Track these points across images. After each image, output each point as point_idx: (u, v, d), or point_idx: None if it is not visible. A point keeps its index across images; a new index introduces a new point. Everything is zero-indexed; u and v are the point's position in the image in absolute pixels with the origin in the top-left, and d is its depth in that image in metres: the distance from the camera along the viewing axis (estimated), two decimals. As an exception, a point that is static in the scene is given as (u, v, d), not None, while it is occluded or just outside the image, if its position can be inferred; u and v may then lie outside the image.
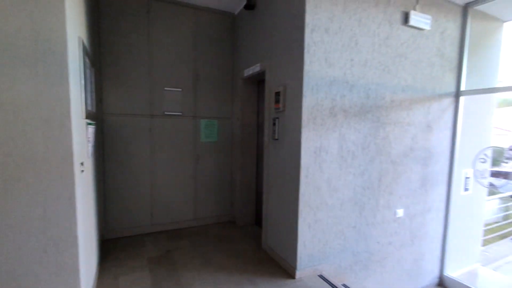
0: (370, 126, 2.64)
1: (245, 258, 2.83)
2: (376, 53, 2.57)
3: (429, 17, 2.77)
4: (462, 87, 3.18)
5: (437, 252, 3.40)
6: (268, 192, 2.92)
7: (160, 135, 3.35)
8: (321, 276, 2.52)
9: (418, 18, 2.70)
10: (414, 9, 2.69)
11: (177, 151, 3.46)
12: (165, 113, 3.36)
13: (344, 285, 2.56)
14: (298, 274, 2.45)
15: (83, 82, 1.87)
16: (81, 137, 1.81)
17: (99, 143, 2.94)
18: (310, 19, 2.20)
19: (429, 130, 3.05)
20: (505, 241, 4.91)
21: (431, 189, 3.18)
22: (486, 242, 4.48)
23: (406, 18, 2.66)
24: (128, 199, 3.22)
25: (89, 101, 2.14)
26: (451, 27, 3.05)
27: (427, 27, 2.78)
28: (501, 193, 4.90)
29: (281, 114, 2.60)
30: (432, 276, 3.41)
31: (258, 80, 3.52)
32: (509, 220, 4.89)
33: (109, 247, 2.95)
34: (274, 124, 2.72)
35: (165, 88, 3.33)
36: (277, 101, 2.63)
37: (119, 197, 3.17)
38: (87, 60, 2.04)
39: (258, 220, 3.73)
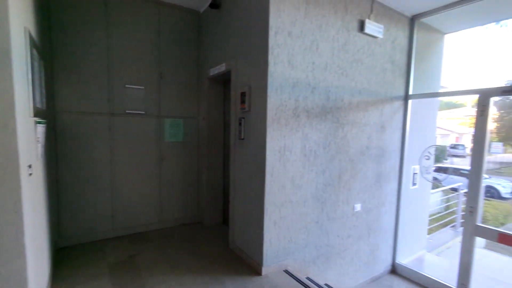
0: (330, 126, 2.79)
1: (213, 258, 2.82)
2: (335, 57, 2.73)
3: (381, 26, 3.02)
4: (410, 91, 3.51)
5: (390, 242, 3.72)
6: (234, 191, 2.94)
7: (121, 134, 3.19)
8: (286, 271, 2.61)
9: (372, 27, 2.92)
10: (369, 18, 2.91)
11: (140, 152, 3.32)
12: (127, 111, 3.20)
13: (308, 278, 2.68)
14: (264, 270, 2.51)
15: (30, 76, 1.72)
16: (29, 138, 1.66)
17: (51, 143, 2.71)
18: (273, 22, 2.27)
19: (383, 130, 3.32)
20: (446, 229, 5.53)
21: (384, 184, 3.46)
22: (430, 231, 4.99)
23: (362, 26, 2.87)
24: (85, 203, 3.02)
25: (37, 98, 1.97)
26: (401, 36, 3.35)
27: (380, 35, 3.02)
28: (443, 186, 5.49)
29: (247, 114, 2.64)
30: (386, 264, 3.72)
31: (224, 80, 3.52)
32: (450, 210, 5.51)
33: (65, 256, 2.74)
34: (240, 124, 2.75)
35: (126, 85, 3.18)
36: (242, 101, 2.66)
37: (75, 201, 2.96)
38: (35, 53, 1.88)
39: (225, 219, 3.73)
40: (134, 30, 3.18)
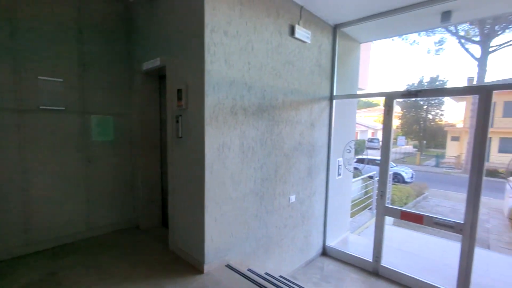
0: (267, 124, 2.95)
1: (152, 263, 2.69)
2: (270, 59, 2.89)
3: (309, 32, 3.31)
4: (334, 92, 3.95)
5: (321, 228, 4.14)
6: (173, 191, 2.86)
7: (35, 134, 2.75)
8: (228, 266, 2.67)
9: (301, 32, 3.18)
10: (298, 24, 3.16)
11: (60, 153, 2.92)
12: (41, 107, 2.77)
13: (249, 269, 2.80)
14: (206, 268, 2.52)
15: None
16: None
17: None
18: (209, 19, 2.28)
19: (312, 128, 3.66)
20: (365, 211, 6.44)
21: (315, 176, 3.83)
22: (353, 214, 5.74)
23: (292, 31, 3.10)
24: (-16, 218, 2.51)
25: None
26: (326, 42, 3.74)
27: (308, 40, 3.32)
28: (362, 175, 6.36)
29: (184, 112, 2.59)
30: (318, 248, 4.14)
31: (160, 75, 3.36)
32: (368, 195, 6.43)
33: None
34: (177, 121, 2.68)
35: (39, 77, 2.75)
36: (179, 98, 2.60)
37: (-30, 217, 2.43)
38: None
39: (165, 221, 3.58)
40: (48, 15, 2.76)
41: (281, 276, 3.08)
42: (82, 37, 3.01)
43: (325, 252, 4.23)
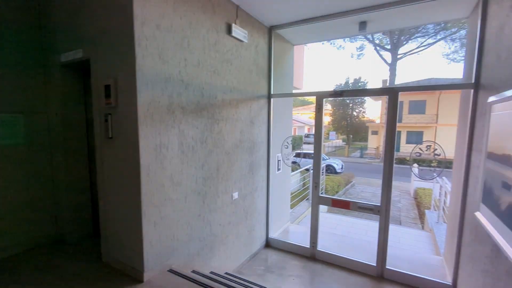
0: (206, 122, 2.92)
1: (83, 279, 2.39)
2: (207, 56, 2.86)
3: (246, 31, 3.39)
4: (272, 91, 4.14)
5: (263, 221, 4.31)
6: (105, 197, 2.59)
7: None
8: (171, 270, 2.57)
9: (238, 31, 3.23)
10: (235, 23, 3.20)
11: None
12: None
13: (193, 271, 2.74)
14: (146, 276, 2.37)
15: None
16: None
17: None
18: (139, 11, 2.12)
19: (252, 125, 3.77)
20: (303, 202, 6.95)
21: (256, 172, 3.96)
22: (292, 205, 6.14)
23: (229, 29, 3.12)
24: None
25: None
26: (262, 42, 3.88)
27: (245, 40, 3.39)
28: (300, 168, 6.83)
29: (114, 110, 2.37)
30: (261, 241, 4.29)
31: (84, 69, 2.98)
32: (305, 187, 6.96)
33: None
34: (106, 120, 2.43)
35: None
36: (107, 95, 2.36)
37: None
38: None
39: (96, 230, 3.22)
40: None
41: (226, 273, 3.10)
42: (-26, 20, 2.47)
43: (269, 244, 4.42)
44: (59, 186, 3.05)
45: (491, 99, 2.20)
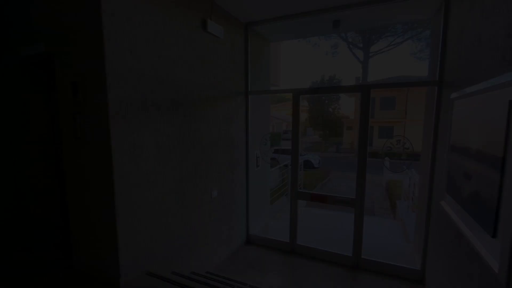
0: (183, 120, 2.85)
1: (48, 289, 2.25)
2: (182, 51, 2.78)
3: (221, 27, 3.34)
4: (249, 88, 4.13)
5: (244, 218, 4.32)
6: (76, 202, 2.45)
7: None
8: (150, 274, 2.50)
9: (214, 27, 3.17)
10: (211, 19, 3.14)
11: None
12: None
13: (173, 272, 2.69)
14: (123, 282, 2.28)
15: None
16: None
17: None
18: (107, 2, 2.01)
19: (230, 122, 3.74)
20: (283, 198, 7.03)
21: (235, 169, 3.94)
22: (272, 201, 6.19)
23: (205, 25, 3.06)
24: None
25: None
26: (239, 39, 3.84)
27: (221, 36, 3.34)
28: (279, 164, 6.91)
29: (83, 108, 2.24)
30: (242, 238, 4.30)
31: (47, 64, 2.78)
32: (284, 182, 7.04)
33: None
34: (74, 119, 2.29)
35: None
36: (75, 93, 2.22)
37: None
38: None
39: (66, 237, 3.04)
40: None
41: (207, 272, 3.08)
42: None
43: (249, 241, 4.43)
44: (23, 193, 2.84)
45: (454, 95, 2.36)
